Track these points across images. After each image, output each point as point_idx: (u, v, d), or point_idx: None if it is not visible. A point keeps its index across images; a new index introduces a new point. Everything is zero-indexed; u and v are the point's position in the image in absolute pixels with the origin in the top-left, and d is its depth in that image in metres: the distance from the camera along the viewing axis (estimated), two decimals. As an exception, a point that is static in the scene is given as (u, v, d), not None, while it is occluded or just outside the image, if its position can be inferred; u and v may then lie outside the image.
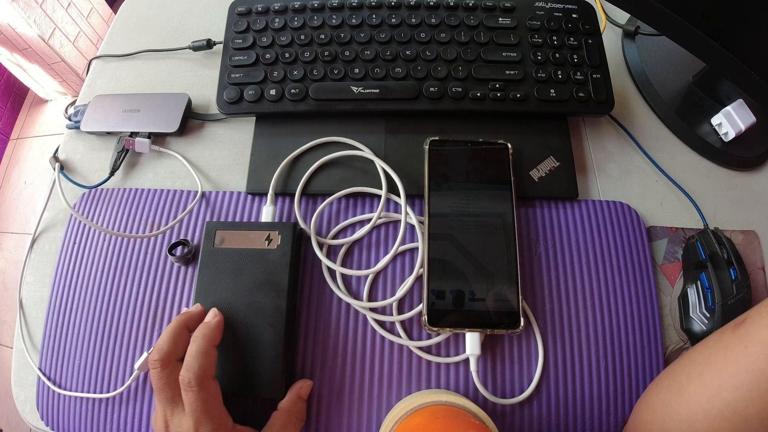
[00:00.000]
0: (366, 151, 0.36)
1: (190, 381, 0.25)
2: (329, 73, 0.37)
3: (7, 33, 1.36)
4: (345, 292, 0.33)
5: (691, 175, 0.39)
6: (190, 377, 0.25)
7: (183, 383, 0.25)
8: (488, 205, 0.34)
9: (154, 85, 0.43)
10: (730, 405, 0.23)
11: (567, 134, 0.38)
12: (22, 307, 0.36)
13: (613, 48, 0.45)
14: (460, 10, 0.39)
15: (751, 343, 0.22)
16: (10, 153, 1.60)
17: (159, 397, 0.26)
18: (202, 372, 0.25)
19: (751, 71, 0.33)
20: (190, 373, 0.25)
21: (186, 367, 0.25)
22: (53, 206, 0.39)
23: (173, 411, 0.26)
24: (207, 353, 0.26)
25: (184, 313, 0.29)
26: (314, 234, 0.34)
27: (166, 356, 0.26)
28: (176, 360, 0.27)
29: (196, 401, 0.25)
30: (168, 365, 0.26)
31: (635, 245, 0.35)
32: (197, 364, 0.25)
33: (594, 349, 0.33)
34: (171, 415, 0.26)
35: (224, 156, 0.40)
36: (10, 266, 1.38)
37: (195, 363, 0.25)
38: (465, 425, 0.25)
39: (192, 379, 0.25)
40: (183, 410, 0.26)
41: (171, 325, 0.28)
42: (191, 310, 0.30)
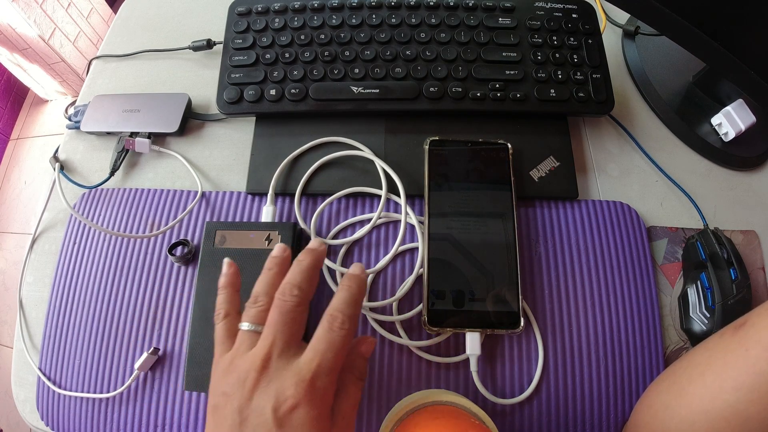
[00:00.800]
0: (366, 152, 0.36)
1: (343, 322, 0.24)
2: (329, 73, 0.37)
3: (7, 33, 1.36)
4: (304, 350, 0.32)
5: (691, 175, 0.39)
6: (344, 318, 0.24)
7: (334, 321, 0.24)
8: (488, 205, 0.34)
9: (154, 85, 0.44)
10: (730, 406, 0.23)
11: (567, 134, 0.38)
12: (22, 307, 0.36)
13: (613, 48, 0.45)
14: (460, 10, 0.39)
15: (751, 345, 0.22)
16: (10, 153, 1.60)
17: (280, 331, 0.24)
18: (356, 318, 0.25)
19: (751, 71, 0.33)
20: (345, 315, 0.24)
21: (340, 308, 0.25)
22: (53, 206, 0.39)
23: (287, 348, 0.24)
24: (314, 276, 0.26)
25: (313, 255, 0.27)
26: (314, 234, 0.34)
27: (307, 294, 0.25)
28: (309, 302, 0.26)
29: (341, 341, 0.24)
30: (306, 303, 0.25)
31: (635, 245, 0.35)
32: (352, 310, 0.25)
33: (594, 349, 0.33)
34: (280, 353, 0.24)
35: (224, 156, 0.40)
36: (10, 266, 1.38)
37: (350, 309, 0.25)
38: (465, 425, 0.25)
39: (346, 320, 0.24)
40: (296, 352, 0.24)
41: (305, 266, 0.26)
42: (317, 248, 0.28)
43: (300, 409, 0.22)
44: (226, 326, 0.26)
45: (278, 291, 0.25)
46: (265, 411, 0.22)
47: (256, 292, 0.26)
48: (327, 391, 0.23)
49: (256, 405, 0.22)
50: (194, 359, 0.31)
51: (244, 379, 0.23)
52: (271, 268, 0.27)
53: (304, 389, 0.22)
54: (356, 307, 0.26)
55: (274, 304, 0.25)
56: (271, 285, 0.26)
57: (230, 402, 0.23)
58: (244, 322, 0.25)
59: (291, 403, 0.22)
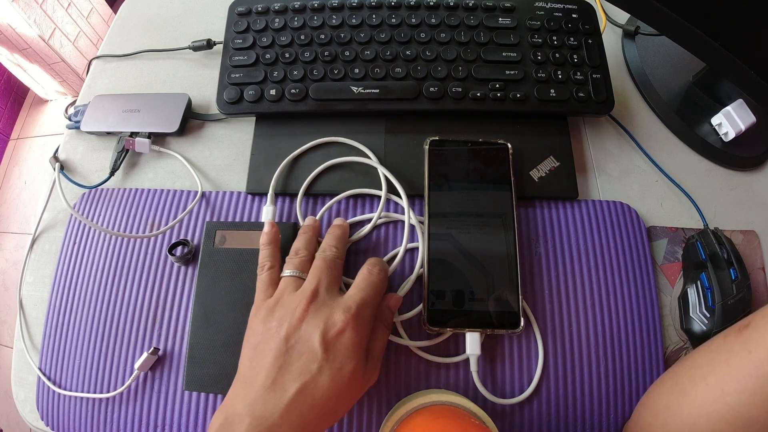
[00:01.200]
0: (372, 159, 0.36)
1: (380, 270, 0.29)
2: (329, 73, 0.37)
3: (7, 33, 1.36)
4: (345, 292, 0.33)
5: (691, 175, 0.39)
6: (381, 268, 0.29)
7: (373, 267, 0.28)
8: (488, 205, 0.34)
9: (154, 85, 0.43)
10: (732, 408, 0.23)
11: (567, 134, 0.38)
12: (22, 307, 0.36)
13: (613, 48, 0.45)
14: (460, 10, 0.39)
15: (755, 347, 0.22)
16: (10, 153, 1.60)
17: (325, 272, 0.28)
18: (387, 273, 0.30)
19: (751, 71, 0.33)
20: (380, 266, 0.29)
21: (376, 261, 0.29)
22: (53, 206, 0.39)
23: (332, 286, 0.27)
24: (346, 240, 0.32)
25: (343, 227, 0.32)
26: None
27: (344, 248, 0.31)
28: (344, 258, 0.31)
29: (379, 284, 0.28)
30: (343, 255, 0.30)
31: (635, 245, 0.35)
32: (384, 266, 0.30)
33: (594, 349, 0.33)
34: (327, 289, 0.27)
35: (224, 156, 0.40)
36: (10, 266, 1.38)
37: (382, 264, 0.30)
38: (465, 425, 0.25)
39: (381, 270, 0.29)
40: (338, 292, 0.28)
41: (339, 233, 0.31)
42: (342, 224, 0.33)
43: (346, 334, 0.25)
44: (270, 276, 0.29)
45: (319, 250, 0.29)
46: (313, 337, 0.24)
47: (296, 247, 0.30)
48: (368, 323, 0.26)
49: (304, 332, 0.25)
50: (194, 359, 0.31)
51: (293, 310, 0.25)
52: (306, 232, 0.31)
53: (351, 316, 0.25)
54: (386, 266, 0.30)
55: (317, 257, 0.29)
56: (309, 242, 0.30)
57: (275, 334, 0.25)
58: (287, 269, 0.29)
59: (339, 328, 0.25)
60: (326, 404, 0.23)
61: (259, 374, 0.24)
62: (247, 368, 0.25)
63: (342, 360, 0.24)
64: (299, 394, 0.23)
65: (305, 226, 0.32)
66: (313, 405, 0.23)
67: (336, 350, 0.24)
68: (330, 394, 0.23)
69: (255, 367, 0.24)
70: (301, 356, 0.24)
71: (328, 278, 0.27)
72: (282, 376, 0.23)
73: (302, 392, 0.23)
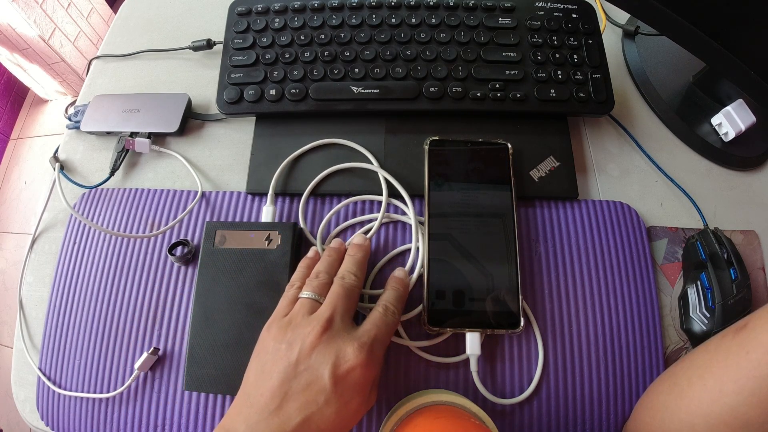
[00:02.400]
0: (374, 164, 0.36)
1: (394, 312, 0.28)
2: (329, 73, 0.37)
3: (7, 33, 1.36)
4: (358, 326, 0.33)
5: (691, 175, 0.39)
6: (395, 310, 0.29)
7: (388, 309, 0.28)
8: (488, 205, 0.34)
9: (154, 85, 0.43)
10: (730, 409, 0.23)
11: (567, 134, 0.38)
12: (22, 307, 0.36)
13: (613, 48, 0.45)
14: (460, 10, 0.39)
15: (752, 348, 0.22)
16: (10, 153, 1.60)
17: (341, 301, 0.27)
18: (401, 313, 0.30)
19: (751, 71, 0.33)
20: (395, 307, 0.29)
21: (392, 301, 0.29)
22: (53, 206, 0.39)
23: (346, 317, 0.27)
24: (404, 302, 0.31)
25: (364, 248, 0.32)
26: (320, 238, 0.34)
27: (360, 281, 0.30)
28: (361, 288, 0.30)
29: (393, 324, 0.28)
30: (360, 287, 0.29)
31: (635, 245, 0.35)
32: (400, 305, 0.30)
33: (594, 349, 0.33)
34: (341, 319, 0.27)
35: (224, 156, 0.40)
36: (10, 266, 1.38)
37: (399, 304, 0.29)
38: (465, 425, 0.25)
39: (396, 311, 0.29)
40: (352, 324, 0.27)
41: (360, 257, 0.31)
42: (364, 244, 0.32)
43: (357, 371, 0.24)
44: (293, 294, 0.29)
45: (338, 276, 0.29)
46: (323, 368, 0.24)
47: (318, 270, 0.30)
48: (379, 361, 0.26)
49: (315, 361, 0.24)
50: (194, 359, 0.31)
51: (305, 336, 0.25)
52: (331, 255, 0.31)
53: (365, 354, 0.25)
54: (402, 303, 0.30)
55: (336, 283, 0.29)
56: (331, 266, 0.30)
57: (285, 357, 0.25)
58: (306, 291, 0.28)
59: (351, 365, 0.24)
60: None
61: (264, 395, 0.24)
62: (252, 385, 0.25)
63: (349, 395, 0.24)
64: (303, 424, 0.23)
65: (330, 249, 0.31)
66: None
67: (345, 386, 0.24)
68: (334, 425, 0.23)
69: (260, 387, 0.24)
70: (309, 386, 0.24)
71: (343, 307, 0.27)
72: (287, 402, 0.23)
73: (306, 423, 0.23)
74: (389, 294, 0.29)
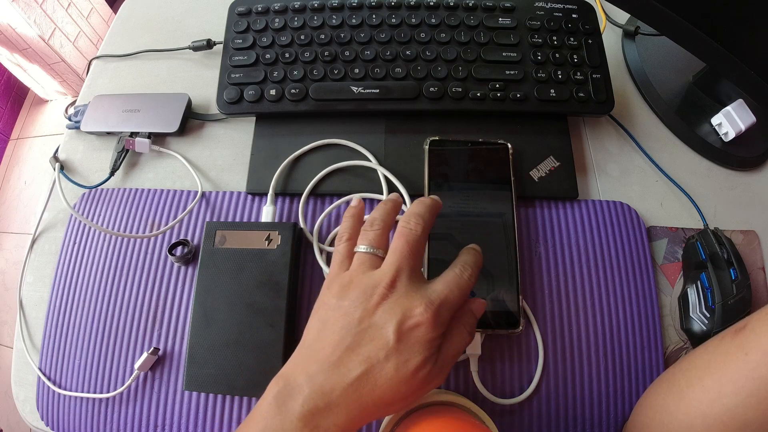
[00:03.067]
0: (373, 162, 0.36)
1: (471, 275, 0.26)
2: (329, 73, 0.37)
3: (7, 33, 1.36)
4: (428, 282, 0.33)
5: (691, 175, 0.39)
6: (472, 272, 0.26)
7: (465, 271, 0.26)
8: (488, 205, 0.34)
9: (154, 85, 0.43)
10: (729, 410, 0.23)
11: (567, 134, 0.38)
12: (22, 307, 0.36)
13: (613, 48, 0.45)
14: (460, 10, 0.39)
15: (751, 350, 0.22)
16: (10, 153, 1.60)
17: (406, 258, 0.25)
18: (476, 279, 0.27)
19: (751, 71, 0.33)
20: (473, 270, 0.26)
21: (471, 264, 0.27)
22: (53, 206, 0.39)
23: (413, 274, 0.25)
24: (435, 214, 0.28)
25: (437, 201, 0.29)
26: (317, 242, 0.34)
27: (428, 225, 0.27)
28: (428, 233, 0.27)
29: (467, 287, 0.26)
30: (426, 234, 0.27)
31: (635, 245, 0.35)
32: (477, 271, 0.27)
33: (594, 349, 0.33)
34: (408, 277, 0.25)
35: (224, 156, 0.40)
36: (10, 266, 1.38)
37: (476, 269, 0.27)
38: (465, 425, 0.25)
39: (473, 275, 0.26)
40: (419, 280, 0.25)
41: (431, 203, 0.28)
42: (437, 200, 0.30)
43: (422, 328, 0.23)
44: (346, 248, 0.27)
45: (403, 218, 0.27)
46: (388, 325, 0.23)
47: (372, 218, 0.28)
48: (446, 323, 0.24)
49: (379, 318, 0.24)
50: (194, 359, 0.31)
51: (370, 294, 0.24)
52: (386, 203, 0.29)
53: (432, 312, 0.23)
54: (478, 269, 0.27)
55: (399, 231, 0.26)
56: (388, 214, 0.28)
57: (348, 314, 0.24)
58: (362, 244, 0.26)
59: (417, 320, 0.23)
60: (385, 393, 0.23)
61: (325, 348, 0.23)
62: (313, 339, 0.24)
63: (410, 353, 0.23)
64: (363, 377, 0.22)
65: (388, 200, 0.29)
66: (374, 391, 0.22)
67: (407, 342, 0.23)
68: (391, 383, 0.23)
69: (322, 340, 0.24)
70: (372, 341, 0.23)
71: (410, 265, 0.25)
72: (348, 356, 0.23)
73: (365, 376, 0.22)
74: (467, 256, 0.27)
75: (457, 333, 0.26)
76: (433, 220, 0.27)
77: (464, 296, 0.26)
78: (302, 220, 0.35)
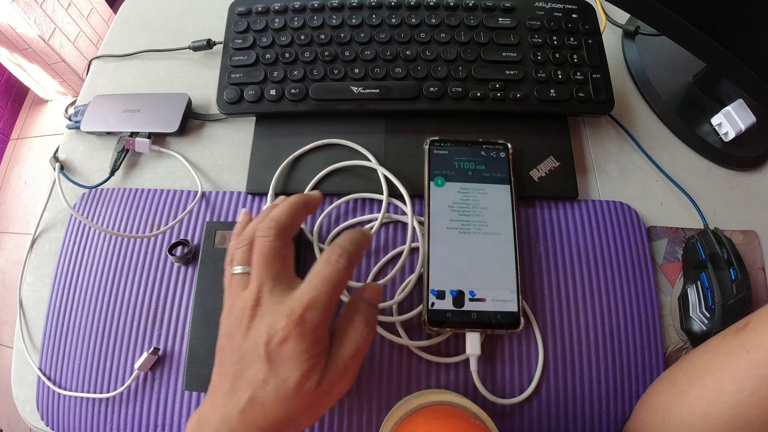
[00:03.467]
0: (372, 162, 0.36)
1: (341, 255, 0.24)
2: (329, 73, 0.37)
3: (7, 33, 1.36)
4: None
5: (691, 175, 0.39)
6: (342, 251, 0.24)
7: (332, 253, 0.24)
8: (488, 205, 0.34)
9: (154, 85, 0.43)
10: (730, 409, 0.23)
11: (567, 134, 0.38)
12: (22, 307, 0.36)
13: (613, 48, 0.45)
14: (460, 10, 0.39)
15: (752, 348, 0.22)
16: (10, 153, 1.60)
17: (263, 270, 0.24)
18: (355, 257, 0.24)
19: (751, 71, 0.33)
20: (343, 249, 0.24)
21: (341, 243, 0.24)
22: (53, 206, 0.39)
23: (278, 284, 0.24)
24: (297, 211, 0.26)
25: (305, 195, 0.28)
26: (317, 242, 0.34)
27: (283, 227, 0.25)
28: (289, 236, 0.25)
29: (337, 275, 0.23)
30: (282, 237, 0.25)
31: (635, 245, 0.35)
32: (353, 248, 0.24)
33: (594, 349, 0.33)
34: (271, 290, 0.24)
35: (224, 156, 0.40)
36: (10, 266, 1.38)
37: (351, 246, 0.24)
38: (465, 425, 0.25)
39: (344, 253, 0.24)
40: (289, 286, 0.24)
41: (291, 200, 0.26)
42: (313, 193, 0.28)
43: (289, 342, 0.22)
44: (227, 271, 0.26)
45: (258, 229, 0.25)
46: (258, 347, 0.22)
47: (243, 237, 0.26)
48: (319, 327, 0.23)
49: (252, 341, 0.23)
50: (194, 359, 0.31)
51: (241, 317, 0.24)
52: (245, 215, 0.28)
53: (294, 322, 0.22)
54: (358, 247, 0.25)
55: (254, 243, 0.25)
56: (244, 226, 0.27)
57: (231, 341, 0.24)
58: (235, 266, 0.25)
59: (281, 336, 0.22)
60: (278, 414, 0.22)
61: (222, 379, 0.24)
62: (215, 373, 0.25)
63: (286, 371, 0.22)
64: (250, 402, 0.22)
65: (242, 213, 0.29)
66: (265, 414, 0.22)
67: (279, 361, 0.22)
68: (279, 403, 0.22)
69: (219, 373, 0.24)
70: (251, 365, 0.23)
71: (269, 275, 0.24)
72: (237, 383, 0.23)
73: (253, 401, 0.22)
74: (340, 238, 0.25)
75: (351, 329, 0.24)
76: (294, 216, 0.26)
77: (338, 287, 0.23)
78: (302, 220, 0.35)
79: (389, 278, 0.32)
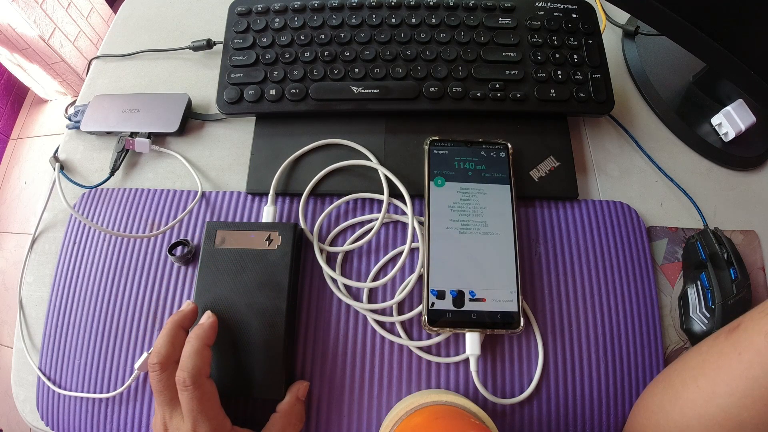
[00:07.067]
0: (373, 161, 0.36)
1: (185, 380, 0.25)
2: (329, 73, 0.37)
3: (7, 33, 1.36)
4: (345, 294, 0.33)
5: (691, 175, 0.39)
6: (185, 376, 0.25)
7: (179, 383, 0.25)
8: (488, 205, 0.34)
9: (154, 85, 0.43)
10: (723, 411, 0.23)
11: (567, 134, 0.38)
12: (22, 307, 0.36)
13: (613, 48, 0.45)
14: (460, 10, 0.39)
15: (744, 349, 0.22)
16: (10, 153, 1.59)
17: (158, 399, 0.26)
18: (196, 371, 0.25)
19: (751, 71, 0.33)
20: (185, 373, 0.25)
21: (181, 367, 0.26)
22: (53, 206, 0.39)
23: (172, 413, 0.26)
24: (200, 353, 0.26)
25: (177, 313, 0.29)
26: (316, 242, 0.34)
27: (165, 359, 0.26)
28: (174, 362, 0.27)
29: (192, 400, 0.25)
30: (166, 368, 0.26)
31: (635, 245, 0.35)
32: (191, 363, 0.25)
33: (594, 349, 0.33)
34: (170, 418, 0.26)
35: (224, 156, 0.40)
36: (10, 266, 1.38)
37: (189, 362, 0.26)
38: (465, 425, 0.25)
39: (187, 378, 0.25)
40: (181, 412, 0.26)
41: (166, 327, 0.28)
42: (184, 309, 0.30)
43: None
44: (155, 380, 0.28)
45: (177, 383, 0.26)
46: None
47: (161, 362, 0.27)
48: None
49: None
50: (194, 359, 0.31)
51: None
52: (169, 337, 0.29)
53: None
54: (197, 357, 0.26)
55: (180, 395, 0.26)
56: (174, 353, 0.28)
57: None
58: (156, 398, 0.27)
59: None
60: None
61: None
62: None
63: None
64: None
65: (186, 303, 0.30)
66: None
67: None
68: None
69: None
70: None
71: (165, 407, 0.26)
72: None
73: None
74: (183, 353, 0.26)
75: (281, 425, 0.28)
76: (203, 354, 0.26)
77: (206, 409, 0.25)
78: (302, 220, 0.35)
79: (389, 278, 0.32)
